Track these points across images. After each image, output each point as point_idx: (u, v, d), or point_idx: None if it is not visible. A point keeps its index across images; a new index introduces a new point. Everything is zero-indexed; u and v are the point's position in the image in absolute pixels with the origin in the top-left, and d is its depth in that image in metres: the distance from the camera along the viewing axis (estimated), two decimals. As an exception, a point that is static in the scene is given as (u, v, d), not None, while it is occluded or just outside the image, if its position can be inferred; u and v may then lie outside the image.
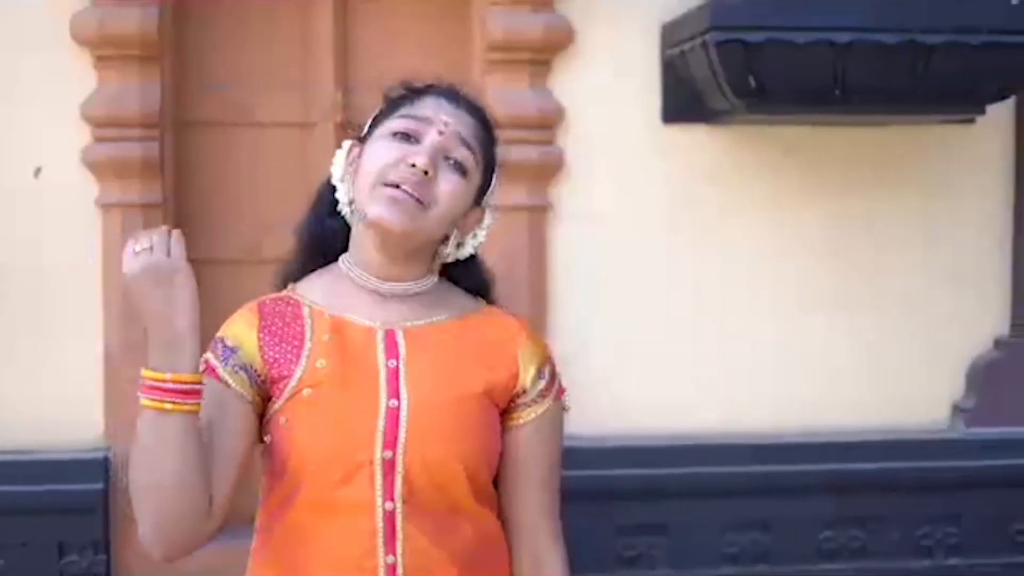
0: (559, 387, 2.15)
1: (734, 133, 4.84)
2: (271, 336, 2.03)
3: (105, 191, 4.59)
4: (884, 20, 4.29)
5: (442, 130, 2.02)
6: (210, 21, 4.77)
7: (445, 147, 2.01)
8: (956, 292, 5.05)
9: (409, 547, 1.98)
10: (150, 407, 1.87)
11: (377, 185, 1.98)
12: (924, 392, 5.04)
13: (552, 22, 4.72)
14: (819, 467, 4.86)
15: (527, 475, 2.11)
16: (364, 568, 1.97)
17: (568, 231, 4.81)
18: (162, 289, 1.87)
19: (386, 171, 1.98)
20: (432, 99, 2.06)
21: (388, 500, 1.97)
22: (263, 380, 2.01)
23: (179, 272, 1.88)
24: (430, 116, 2.02)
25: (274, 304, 2.08)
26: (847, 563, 4.93)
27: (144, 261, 1.87)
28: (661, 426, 4.83)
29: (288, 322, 2.05)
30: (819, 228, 4.93)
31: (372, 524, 1.97)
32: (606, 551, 4.76)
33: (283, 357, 2.01)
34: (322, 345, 2.02)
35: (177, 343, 1.87)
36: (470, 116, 2.07)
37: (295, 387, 1.99)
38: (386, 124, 2.05)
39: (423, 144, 2.00)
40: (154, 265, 1.87)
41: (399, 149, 2.00)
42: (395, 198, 1.97)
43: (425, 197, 1.98)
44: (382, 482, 1.97)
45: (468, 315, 2.12)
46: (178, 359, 1.87)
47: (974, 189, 5.04)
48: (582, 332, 4.73)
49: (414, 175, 1.97)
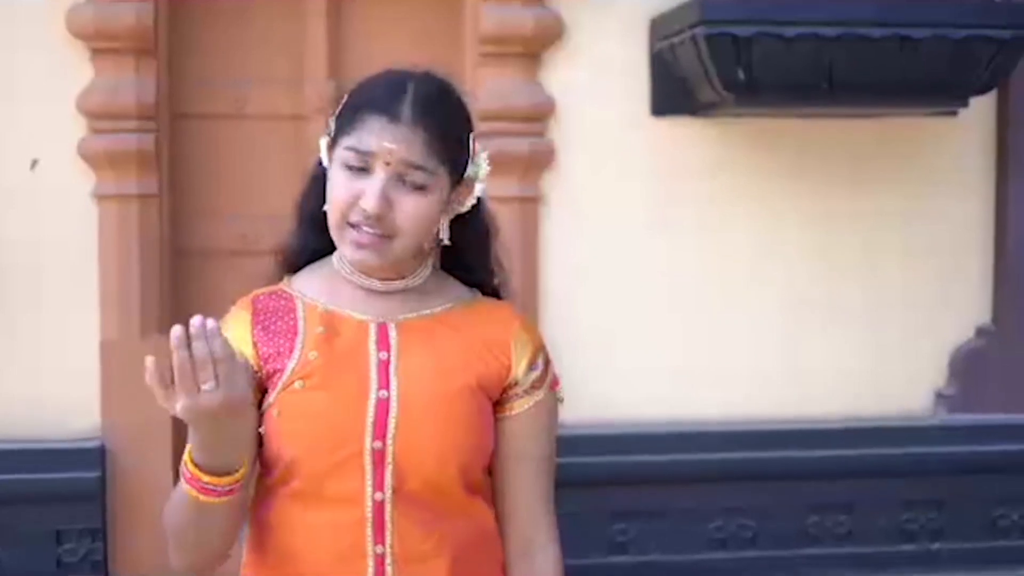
0: (553, 378, 2.13)
1: (722, 126, 4.82)
2: (265, 331, 2.01)
3: (101, 183, 4.56)
4: (871, 15, 4.31)
5: (388, 160, 1.94)
6: (204, 15, 4.74)
7: (396, 174, 1.95)
8: (939, 282, 5.06)
9: (398, 538, 1.96)
10: (202, 500, 1.87)
11: (342, 225, 1.96)
12: (908, 380, 5.05)
13: (543, 16, 4.70)
14: (806, 454, 4.86)
15: (520, 466, 2.08)
16: (353, 558, 1.96)
17: (558, 222, 4.80)
18: (225, 418, 1.79)
19: (345, 212, 1.95)
20: (373, 122, 1.95)
21: (378, 490, 1.95)
22: (259, 376, 1.99)
23: (245, 397, 1.82)
24: (374, 149, 1.94)
25: (268, 299, 2.06)
26: (833, 548, 4.94)
27: (210, 404, 1.74)
28: (650, 414, 4.83)
29: (281, 316, 2.03)
30: (806, 219, 4.92)
31: (361, 514, 1.95)
32: (597, 537, 4.76)
33: (276, 351, 2.00)
34: (315, 338, 2.00)
35: (232, 446, 1.86)
36: (415, 130, 1.96)
37: (287, 380, 1.98)
38: (338, 148, 1.98)
39: (372, 179, 1.94)
40: (226, 405, 1.75)
41: (351, 186, 1.94)
42: (359, 242, 1.96)
43: (387, 230, 1.95)
44: (372, 472, 1.95)
45: (461, 306, 2.10)
46: (232, 461, 1.86)
47: (957, 180, 5.05)
48: (572, 322, 4.72)
49: (367, 218, 1.94)
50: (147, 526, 4.42)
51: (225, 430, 1.81)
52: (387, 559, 1.96)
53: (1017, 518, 5.04)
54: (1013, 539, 5.04)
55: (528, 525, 2.10)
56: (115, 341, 4.53)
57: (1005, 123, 5.02)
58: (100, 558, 4.55)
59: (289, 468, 1.96)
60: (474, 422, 2.02)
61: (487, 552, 2.08)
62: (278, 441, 1.96)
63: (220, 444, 1.83)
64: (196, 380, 1.73)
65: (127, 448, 4.50)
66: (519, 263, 4.68)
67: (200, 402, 1.74)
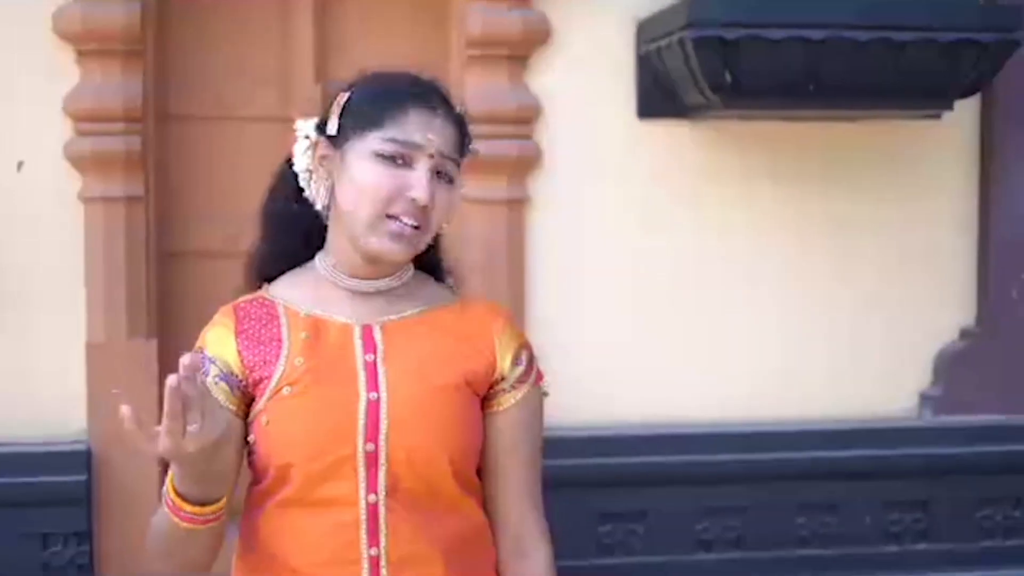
0: (537, 372, 2.13)
1: (709, 128, 4.81)
2: (249, 340, 2.00)
3: (88, 185, 4.52)
4: (857, 18, 4.30)
5: (432, 154, 1.96)
6: (191, 16, 4.71)
7: (436, 167, 1.98)
8: (924, 283, 5.05)
9: (393, 539, 1.95)
10: (184, 527, 1.85)
11: (379, 218, 1.94)
12: (893, 381, 5.04)
13: (530, 18, 4.68)
14: (792, 455, 4.84)
15: (509, 461, 2.08)
16: (347, 560, 1.95)
17: (545, 224, 4.77)
18: (211, 453, 1.76)
19: (386, 203, 1.94)
20: (416, 114, 1.97)
21: (371, 493, 1.94)
22: (245, 385, 1.98)
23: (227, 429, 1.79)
24: (419, 142, 1.96)
25: (249, 306, 2.05)
26: (819, 549, 4.92)
27: (198, 444, 1.71)
28: (636, 416, 4.81)
29: (265, 323, 2.02)
30: (792, 221, 4.91)
31: (355, 516, 1.94)
32: (585, 538, 4.73)
33: (262, 359, 1.98)
34: (300, 343, 1.99)
35: (217, 478, 1.83)
36: (450, 125, 2.02)
37: (275, 387, 1.97)
38: (367, 140, 1.97)
39: (416, 172, 1.95)
40: (208, 441, 1.72)
41: (394, 177, 1.94)
42: (401, 233, 1.95)
43: (424, 224, 1.97)
44: (365, 475, 1.94)
45: (444, 305, 2.10)
46: (215, 489, 1.84)
47: (942, 182, 5.04)
48: (559, 323, 4.70)
49: (416, 208, 1.94)
50: (134, 529, 4.37)
51: (208, 464, 1.78)
52: (381, 561, 1.95)
53: (1001, 519, 5.03)
54: (997, 539, 5.03)
55: (519, 522, 2.09)
56: (102, 344, 4.49)
57: (989, 126, 5.02)
58: (86, 561, 4.50)
59: (281, 474, 1.95)
60: (464, 419, 2.01)
61: (480, 551, 2.08)
62: (268, 448, 1.95)
63: (204, 478, 1.81)
64: (184, 422, 1.69)
65: (114, 451, 4.45)
66: (506, 264, 4.68)
67: (185, 443, 1.70)
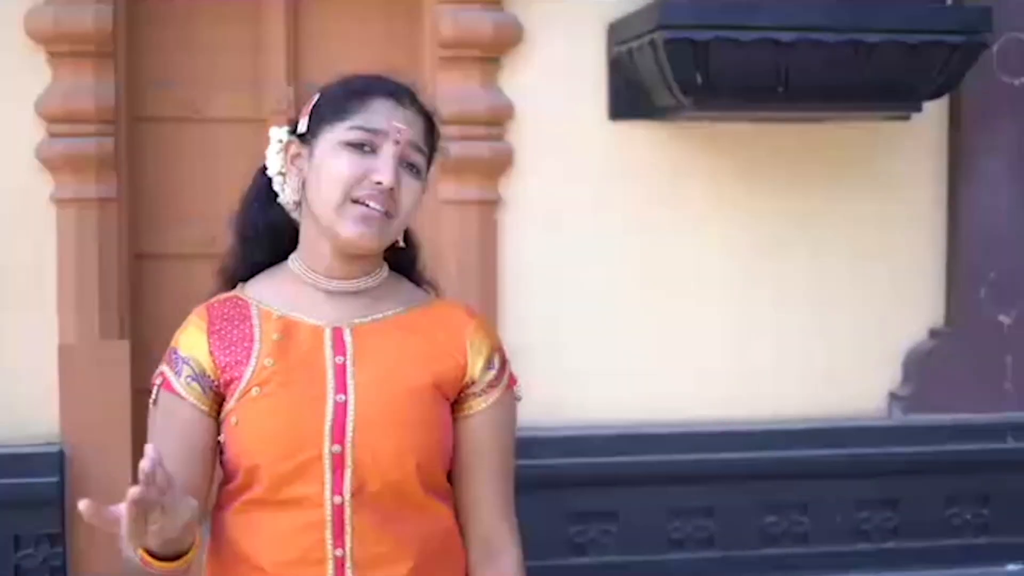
0: (510, 377, 2.11)
1: (679, 129, 4.81)
2: (221, 340, 1.99)
3: (60, 186, 4.49)
4: (827, 20, 4.32)
5: (398, 140, 1.97)
6: (163, 18, 4.68)
7: (402, 155, 1.98)
8: (893, 284, 5.06)
9: (358, 540, 1.94)
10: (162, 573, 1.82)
11: (345, 203, 1.95)
12: (863, 381, 5.05)
13: (501, 21, 4.67)
14: (762, 454, 4.85)
15: (480, 465, 2.07)
16: (312, 560, 1.94)
17: (517, 225, 4.76)
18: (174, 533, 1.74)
19: (351, 188, 1.94)
20: (381, 103, 1.99)
21: (337, 494, 1.93)
22: (217, 385, 1.98)
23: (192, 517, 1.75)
24: (384, 127, 1.97)
25: (222, 306, 2.04)
26: (790, 547, 4.93)
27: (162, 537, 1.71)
28: (608, 416, 4.80)
29: (237, 324, 2.01)
30: (762, 221, 4.92)
31: (321, 517, 1.93)
32: (557, 538, 4.72)
33: (233, 360, 1.98)
34: (271, 345, 1.99)
35: (181, 542, 1.79)
36: (418, 115, 2.03)
37: (245, 387, 1.96)
38: (335, 131, 1.98)
39: (381, 157, 1.96)
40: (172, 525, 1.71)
41: (359, 164, 1.95)
42: (367, 216, 1.95)
43: (391, 209, 1.96)
44: (331, 476, 1.93)
45: (416, 308, 2.09)
46: (182, 542, 1.80)
47: (911, 183, 5.05)
48: (531, 323, 4.69)
49: (380, 192, 1.94)
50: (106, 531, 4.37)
51: (173, 525, 1.74)
52: (347, 562, 1.94)
53: (970, 516, 5.05)
54: (966, 537, 5.05)
55: (489, 527, 2.08)
56: (74, 345, 4.46)
57: (957, 127, 5.04)
58: (59, 563, 4.47)
59: (249, 474, 1.94)
60: (432, 422, 2.00)
61: (449, 555, 2.06)
62: (237, 448, 1.95)
63: (168, 543, 1.78)
64: (146, 523, 1.67)
65: (86, 453, 4.43)
66: (478, 265, 4.67)
67: (150, 538, 1.70)
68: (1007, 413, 5.08)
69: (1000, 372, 5.08)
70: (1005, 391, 5.09)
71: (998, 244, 5.06)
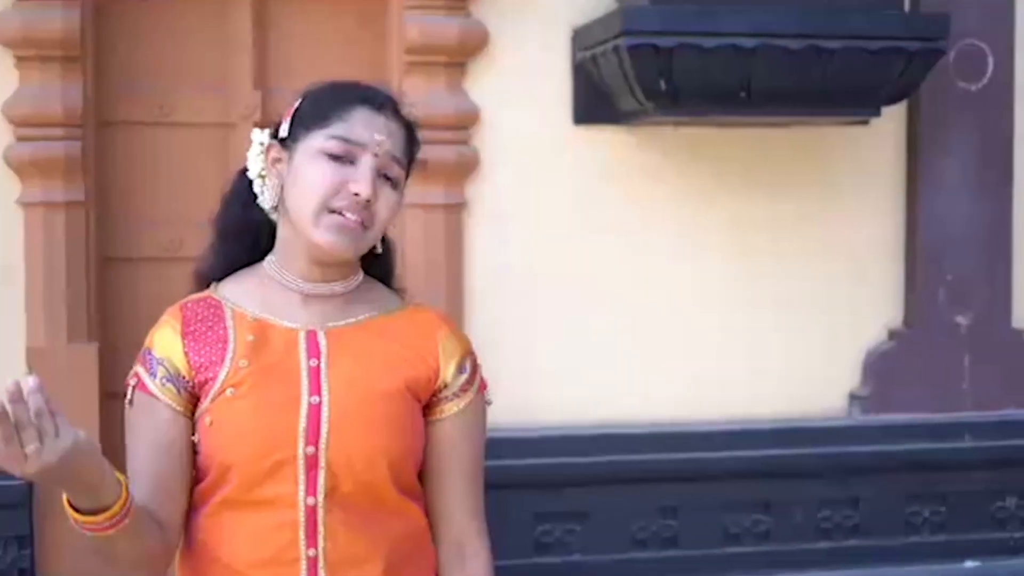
0: (481, 381, 2.13)
1: (643, 134, 4.82)
2: (195, 341, 1.99)
3: (28, 190, 4.46)
4: (787, 26, 4.33)
5: (377, 152, 1.97)
6: (130, 22, 4.65)
7: (380, 167, 1.98)
8: (853, 286, 5.09)
9: (331, 541, 1.95)
10: (94, 536, 1.82)
11: (322, 212, 1.95)
12: (823, 381, 5.07)
13: (467, 26, 4.67)
14: (724, 454, 4.86)
15: (451, 468, 2.08)
16: (285, 561, 1.94)
17: (483, 229, 4.77)
18: (70, 463, 1.72)
19: (329, 197, 1.94)
20: (362, 114, 1.99)
21: (310, 495, 1.94)
22: (191, 385, 1.98)
23: (75, 446, 1.72)
24: (364, 140, 1.96)
25: (196, 307, 2.04)
26: (752, 546, 4.94)
27: (42, 464, 1.68)
28: (573, 417, 4.81)
29: (211, 325, 2.01)
30: (724, 225, 4.93)
31: (294, 518, 1.94)
32: (522, 537, 4.72)
33: (208, 360, 1.98)
34: (245, 346, 1.99)
35: (93, 488, 1.79)
36: (398, 126, 2.03)
37: (219, 388, 1.96)
38: (315, 138, 1.98)
39: (360, 168, 1.96)
40: (57, 459, 1.69)
41: (337, 174, 1.95)
42: (342, 226, 1.95)
43: (367, 220, 1.97)
44: (304, 477, 1.93)
45: (390, 312, 2.09)
46: (101, 496, 1.79)
47: (870, 187, 5.08)
48: (497, 326, 4.69)
49: (357, 203, 1.94)
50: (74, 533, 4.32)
51: (74, 479, 1.75)
52: (319, 562, 1.94)
53: (929, 515, 5.07)
54: (925, 535, 5.07)
55: (459, 529, 2.09)
56: (42, 348, 4.43)
57: (915, 131, 5.07)
58: (28, 565, 4.44)
59: (222, 475, 1.95)
60: (404, 425, 2.00)
61: (420, 556, 2.07)
62: (211, 449, 1.95)
63: (77, 492, 1.78)
64: (21, 444, 1.66)
65: (54, 455, 4.39)
66: (444, 268, 4.67)
67: (27, 465, 1.68)
68: (965, 413, 5.11)
69: (958, 373, 5.12)
70: (963, 391, 5.12)
71: (955, 247, 5.09)
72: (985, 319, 5.13)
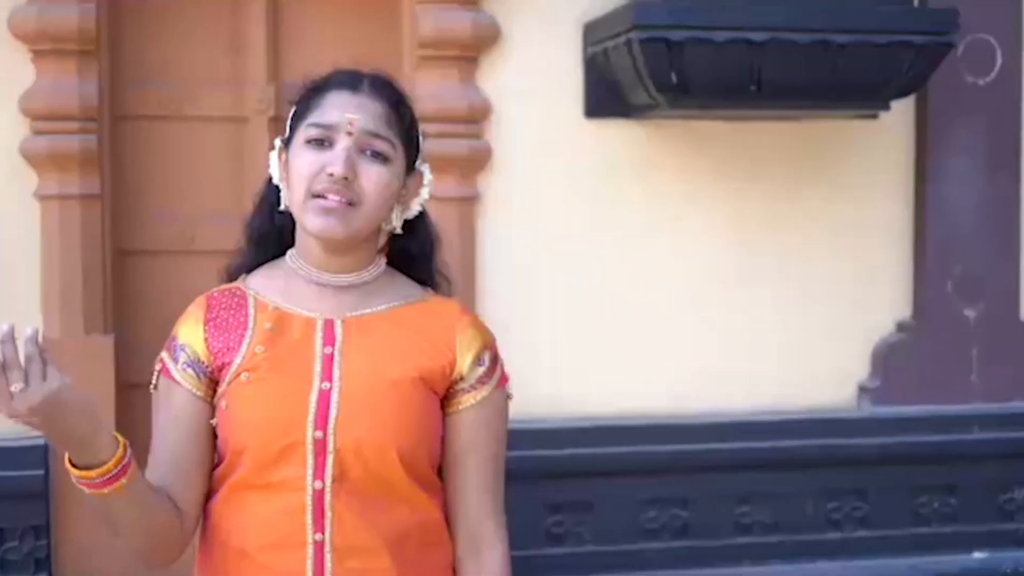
0: (501, 374, 2.11)
1: (654, 127, 4.82)
2: (216, 327, 2.01)
3: (44, 183, 4.46)
4: (798, 20, 4.33)
5: (350, 131, 1.96)
6: (145, 17, 4.66)
7: (359, 145, 1.97)
8: (862, 279, 5.08)
9: (338, 526, 1.94)
10: (90, 495, 1.84)
11: (307, 198, 1.96)
12: (832, 373, 5.06)
13: (480, 20, 4.66)
14: (735, 445, 4.86)
15: (468, 461, 2.06)
16: (292, 544, 1.95)
17: (495, 221, 4.76)
18: (57, 409, 1.75)
19: (310, 182, 1.95)
20: (334, 96, 1.99)
21: (318, 479, 1.94)
22: (211, 370, 1.99)
23: (62, 393, 1.75)
24: (336, 121, 1.97)
25: (221, 296, 2.06)
26: (762, 536, 4.94)
27: (27, 404, 1.72)
28: (584, 409, 4.81)
29: (233, 312, 2.03)
30: (733, 218, 4.93)
31: (301, 501, 1.94)
32: (534, 528, 4.73)
33: (226, 345, 2.00)
34: (263, 333, 2.00)
35: (87, 442, 1.81)
36: (375, 101, 2.01)
37: (235, 372, 1.98)
38: (300, 132, 2.00)
39: (336, 149, 1.96)
40: (38, 406, 1.72)
41: (316, 158, 1.96)
42: (325, 208, 1.95)
43: (353, 198, 1.96)
44: (313, 462, 1.94)
45: (410, 303, 2.08)
46: (96, 452, 1.82)
47: (879, 180, 5.07)
48: (508, 319, 4.66)
49: (335, 183, 1.94)
50: (90, 523, 4.34)
51: (64, 428, 1.78)
52: (326, 547, 1.94)
53: (937, 505, 5.07)
54: (934, 526, 5.07)
55: (475, 522, 2.07)
56: (58, 340, 4.42)
57: (924, 125, 5.06)
58: (44, 555, 4.45)
59: (236, 457, 1.96)
60: (415, 413, 1.99)
61: (432, 547, 2.05)
62: (226, 431, 1.97)
63: (71, 445, 1.80)
64: (7, 384, 1.70)
65: (70, 446, 4.40)
66: (457, 261, 4.64)
67: (14, 404, 1.70)
68: (973, 405, 5.10)
69: (966, 365, 5.11)
70: (971, 383, 5.11)
71: (963, 239, 5.08)
72: (993, 311, 5.12)
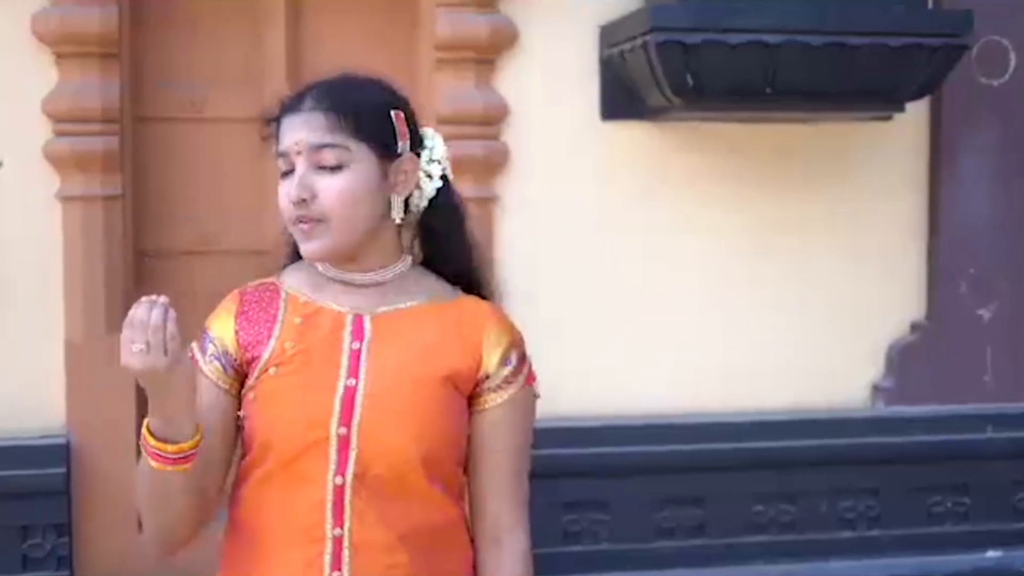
0: (528, 374, 2.10)
1: (669, 129, 4.79)
2: (247, 321, 2.02)
3: (66, 184, 4.45)
4: (813, 23, 4.30)
5: (299, 151, 1.95)
6: (166, 20, 4.65)
7: (311, 163, 1.96)
8: (876, 279, 5.05)
9: (357, 522, 1.93)
10: (154, 467, 1.87)
11: (291, 227, 1.99)
12: (847, 373, 5.04)
13: (497, 23, 4.64)
14: (750, 445, 4.84)
15: (492, 461, 2.04)
16: (312, 538, 1.94)
17: (512, 223, 4.74)
18: (161, 382, 1.81)
19: (288, 213, 1.98)
20: (285, 122, 1.99)
21: (339, 475, 1.93)
22: (239, 363, 2.00)
23: (176, 367, 1.81)
24: (286, 147, 1.97)
25: (255, 291, 2.07)
26: (776, 535, 4.92)
27: (141, 363, 1.79)
28: (601, 408, 4.79)
29: (264, 306, 2.04)
30: (749, 219, 4.90)
31: (322, 496, 1.93)
32: (550, 526, 4.70)
33: (255, 339, 2.00)
34: (292, 328, 2.00)
35: (176, 419, 1.85)
36: (317, 112, 1.97)
37: (263, 366, 1.98)
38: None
39: (294, 175, 1.96)
40: (151, 368, 1.80)
41: (283, 189, 1.98)
42: (304, 233, 1.97)
43: (317, 215, 1.95)
44: (336, 457, 1.93)
45: (438, 302, 2.07)
46: (178, 431, 1.86)
47: (893, 181, 5.05)
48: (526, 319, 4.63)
49: (299, 208, 1.95)
50: (113, 521, 4.35)
51: (163, 396, 1.82)
52: (344, 542, 1.93)
53: (951, 505, 5.04)
54: (947, 525, 5.04)
55: (496, 522, 2.05)
56: (80, 341, 4.42)
57: (938, 127, 5.03)
58: (66, 553, 4.43)
59: (262, 450, 1.96)
60: (439, 412, 1.98)
61: (452, 547, 2.03)
62: (253, 424, 1.97)
63: (163, 408, 1.84)
64: (132, 336, 1.79)
65: (92, 445, 4.40)
66: (474, 263, 4.63)
67: (131, 359, 1.79)
68: (987, 404, 5.07)
69: (980, 365, 5.08)
70: (985, 383, 5.09)
71: (977, 240, 5.06)
72: (1007, 311, 5.10)
